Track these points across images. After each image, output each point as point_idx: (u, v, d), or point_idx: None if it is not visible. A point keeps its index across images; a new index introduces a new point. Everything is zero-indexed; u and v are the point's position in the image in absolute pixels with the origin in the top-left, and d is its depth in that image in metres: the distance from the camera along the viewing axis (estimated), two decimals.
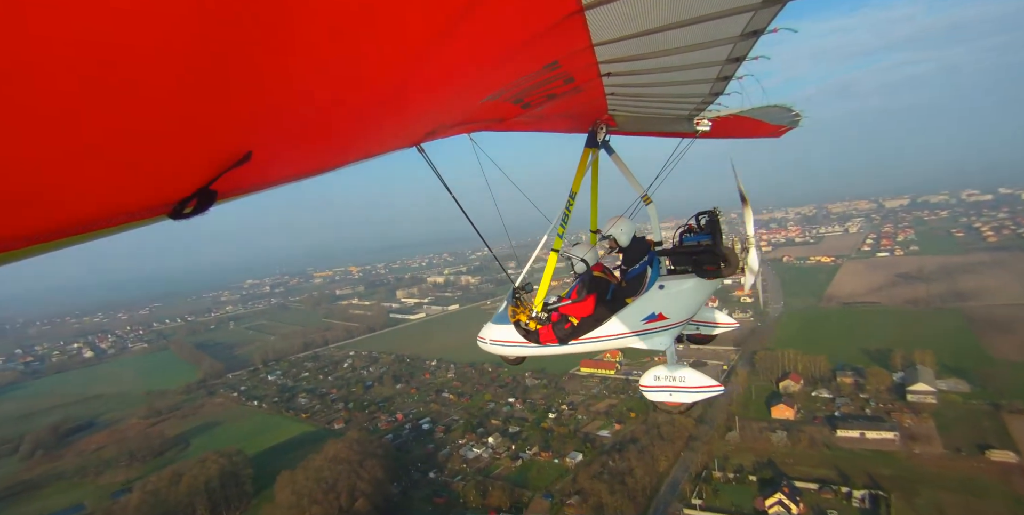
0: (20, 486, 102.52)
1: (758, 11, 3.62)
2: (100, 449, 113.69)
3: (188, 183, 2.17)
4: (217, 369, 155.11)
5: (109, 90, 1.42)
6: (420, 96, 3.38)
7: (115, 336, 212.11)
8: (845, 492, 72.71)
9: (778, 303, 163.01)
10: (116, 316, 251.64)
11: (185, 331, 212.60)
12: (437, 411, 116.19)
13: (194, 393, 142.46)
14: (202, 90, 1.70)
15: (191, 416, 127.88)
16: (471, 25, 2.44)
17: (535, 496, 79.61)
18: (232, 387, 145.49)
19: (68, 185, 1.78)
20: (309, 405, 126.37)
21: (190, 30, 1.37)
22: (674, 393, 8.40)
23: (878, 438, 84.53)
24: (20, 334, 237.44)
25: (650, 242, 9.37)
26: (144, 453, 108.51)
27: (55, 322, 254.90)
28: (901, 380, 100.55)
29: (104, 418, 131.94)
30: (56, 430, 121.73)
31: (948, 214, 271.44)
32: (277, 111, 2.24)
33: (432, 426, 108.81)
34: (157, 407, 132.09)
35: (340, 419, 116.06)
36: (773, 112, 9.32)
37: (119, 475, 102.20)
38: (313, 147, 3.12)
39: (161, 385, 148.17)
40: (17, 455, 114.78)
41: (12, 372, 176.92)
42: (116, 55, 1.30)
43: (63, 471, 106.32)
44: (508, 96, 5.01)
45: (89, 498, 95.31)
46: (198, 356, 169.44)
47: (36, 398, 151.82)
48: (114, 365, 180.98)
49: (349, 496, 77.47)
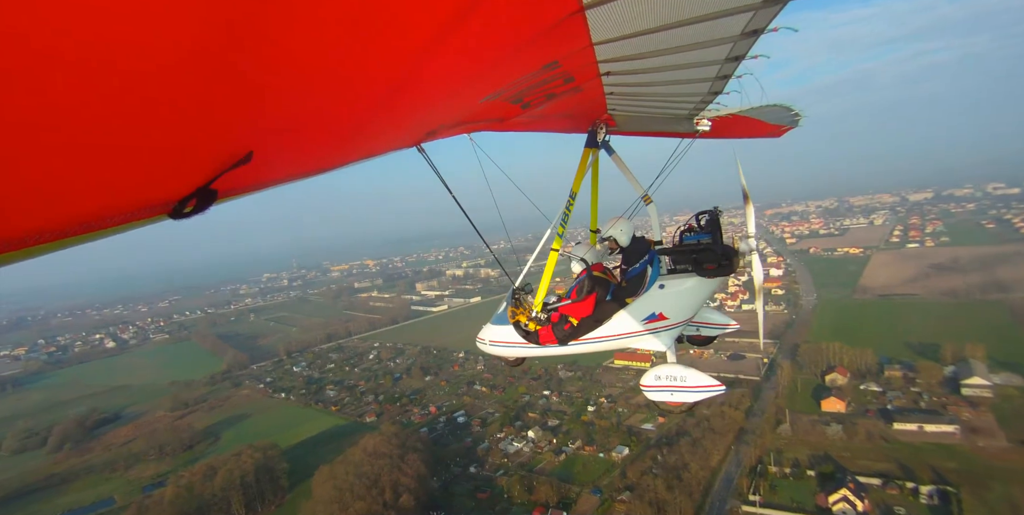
0: (50, 479, 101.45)
1: (759, 10, 3.58)
2: (129, 442, 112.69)
3: (188, 182, 2.18)
4: (241, 360, 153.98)
5: (110, 90, 1.41)
6: (420, 96, 3.37)
7: (136, 327, 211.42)
8: (911, 488, 69.65)
9: (810, 295, 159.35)
10: (136, 308, 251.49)
11: (206, 323, 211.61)
12: (471, 404, 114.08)
13: (219, 384, 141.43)
14: (203, 90, 1.70)
15: (218, 408, 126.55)
16: (471, 25, 2.45)
17: (583, 491, 77.05)
18: (257, 378, 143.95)
19: (68, 185, 1.78)
20: (338, 397, 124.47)
21: (191, 30, 1.37)
22: (675, 393, 8.35)
23: (937, 431, 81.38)
24: (42, 325, 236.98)
25: (650, 241, 9.25)
26: (174, 446, 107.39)
27: (76, 314, 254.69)
28: (953, 374, 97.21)
29: (130, 410, 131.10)
30: (83, 422, 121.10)
31: (975, 207, 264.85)
32: (278, 111, 2.27)
33: (467, 419, 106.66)
34: (184, 399, 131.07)
35: (371, 412, 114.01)
36: (773, 111, 9.12)
37: (149, 469, 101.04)
38: (313, 147, 3.14)
39: (185, 376, 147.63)
40: (45, 448, 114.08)
41: (36, 362, 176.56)
42: (116, 55, 1.30)
43: (92, 465, 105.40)
44: (508, 96, 4.99)
45: (119, 492, 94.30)
46: (221, 347, 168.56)
47: (61, 388, 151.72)
48: (136, 356, 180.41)
49: (393, 491, 75.11)
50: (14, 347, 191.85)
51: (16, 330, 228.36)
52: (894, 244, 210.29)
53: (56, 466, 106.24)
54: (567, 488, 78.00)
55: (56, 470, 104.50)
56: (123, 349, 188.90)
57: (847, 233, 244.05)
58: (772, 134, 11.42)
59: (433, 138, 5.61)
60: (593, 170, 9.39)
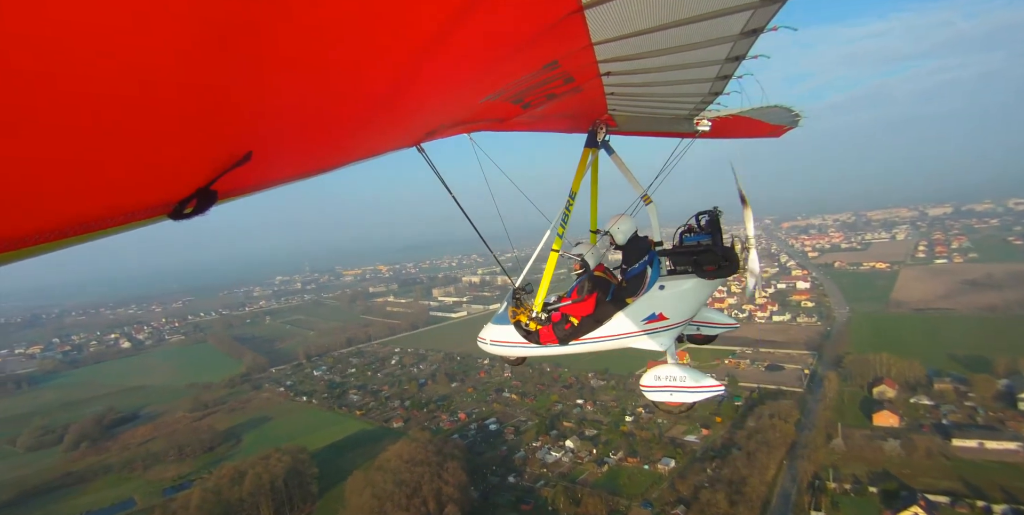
0: (67, 478, 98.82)
1: (757, 10, 3.57)
2: (147, 442, 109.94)
3: (188, 183, 2.18)
4: (261, 363, 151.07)
5: (109, 91, 1.41)
6: (420, 96, 3.37)
7: (151, 328, 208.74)
8: (983, 506, 65.85)
9: (842, 308, 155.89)
10: (150, 308, 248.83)
11: (221, 324, 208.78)
12: (501, 411, 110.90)
13: (238, 387, 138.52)
14: (203, 91, 1.70)
15: (239, 410, 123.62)
16: (471, 25, 2.46)
17: (632, 504, 73.35)
18: (277, 381, 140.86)
19: (68, 185, 1.78)
20: (362, 402, 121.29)
21: (190, 31, 1.36)
22: (675, 393, 8.27)
23: (999, 448, 77.66)
24: (56, 323, 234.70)
25: (651, 242, 9.15)
26: (194, 447, 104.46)
27: (90, 312, 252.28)
28: (1007, 388, 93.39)
29: (148, 410, 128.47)
30: (100, 421, 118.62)
31: (999, 223, 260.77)
32: (278, 111, 2.27)
33: (500, 427, 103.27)
34: (203, 400, 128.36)
35: (398, 417, 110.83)
36: (773, 112, 9.09)
37: (168, 470, 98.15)
38: (313, 147, 3.14)
39: (203, 378, 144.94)
40: (62, 446, 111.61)
41: (51, 361, 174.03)
42: (116, 56, 1.29)
43: (110, 464, 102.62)
44: (508, 96, 4.97)
45: (138, 493, 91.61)
46: (239, 349, 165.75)
47: (76, 387, 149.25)
48: (152, 356, 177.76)
49: (436, 501, 71.63)
50: (29, 345, 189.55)
51: (31, 328, 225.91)
52: (921, 259, 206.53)
53: (73, 464, 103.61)
54: (615, 501, 74.31)
55: (73, 468, 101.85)
56: (139, 349, 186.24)
57: (870, 247, 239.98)
58: (772, 134, 11.34)
59: (433, 138, 5.56)
60: (593, 170, 9.38)
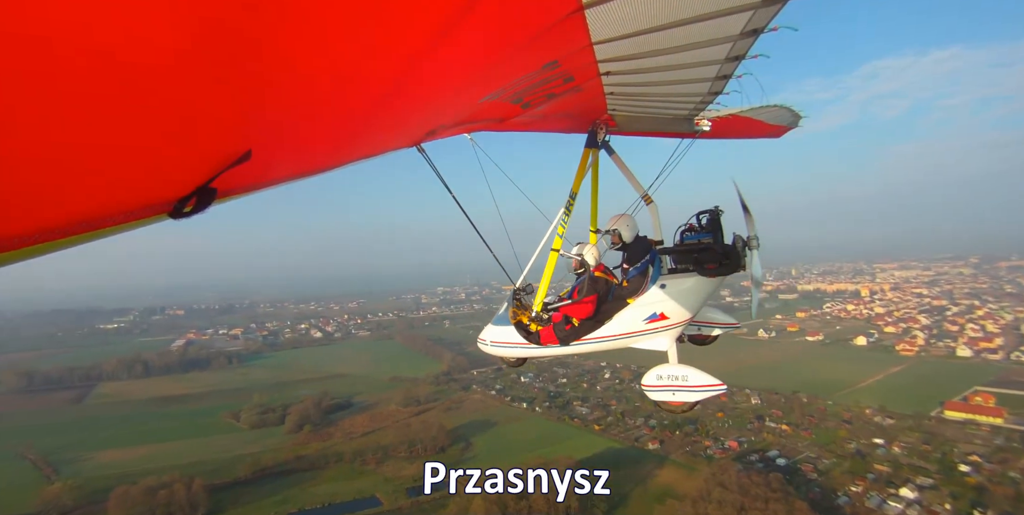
0: (299, 462, 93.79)
1: (758, 10, 3.57)
2: (369, 433, 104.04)
3: (188, 182, 2.17)
4: (461, 363, 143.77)
5: (108, 89, 1.41)
6: (420, 96, 3.37)
7: (336, 322, 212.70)
8: None
9: None
10: (328, 305, 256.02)
11: (403, 324, 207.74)
12: (777, 443, 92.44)
13: (444, 385, 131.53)
14: (202, 89, 1.70)
15: (455, 410, 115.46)
16: (471, 24, 2.46)
17: None
18: (484, 384, 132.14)
19: (68, 185, 1.77)
20: (594, 416, 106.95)
21: (190, 29, 1.36)
22: (677, 392, 8.21)
23: None
24: (249, 312, 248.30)
25: (652, 241, 9.06)
26: (425, 446, 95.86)
27: (277, 305, 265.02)
28: None
29: (359, 399, 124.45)
30: (319, 405, 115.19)
31: None
32: (277, 110, 2.28)
33: (790, 462, 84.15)
34: (413, 395, 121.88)
35: (651, 439, 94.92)
36: (773, 112, 9.03)
37: (402, 468, 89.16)
38: (313, 146, 3.13)
39: (401, 372, 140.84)
40: (284, 426, 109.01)
41: (255, 342, 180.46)
42: (115, 54, 1.29)
43: (339, 453, 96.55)
44: (508, 96, 4.94)
45: (379, 491, 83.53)
46: (434, 349, 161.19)
47: (282, 369, 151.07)
48: (343, 347, 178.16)
49: None
50: (231, 328, 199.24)
51: (227, 314, 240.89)
52: None
53: (302, 448, 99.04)
54: None
55: (303, 453, 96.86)
56: (329, 340, 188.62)
57: None
58: (772, 135, 11.01)
59: (433, 138, 5.49)
60: (593, 170, 9.14)
